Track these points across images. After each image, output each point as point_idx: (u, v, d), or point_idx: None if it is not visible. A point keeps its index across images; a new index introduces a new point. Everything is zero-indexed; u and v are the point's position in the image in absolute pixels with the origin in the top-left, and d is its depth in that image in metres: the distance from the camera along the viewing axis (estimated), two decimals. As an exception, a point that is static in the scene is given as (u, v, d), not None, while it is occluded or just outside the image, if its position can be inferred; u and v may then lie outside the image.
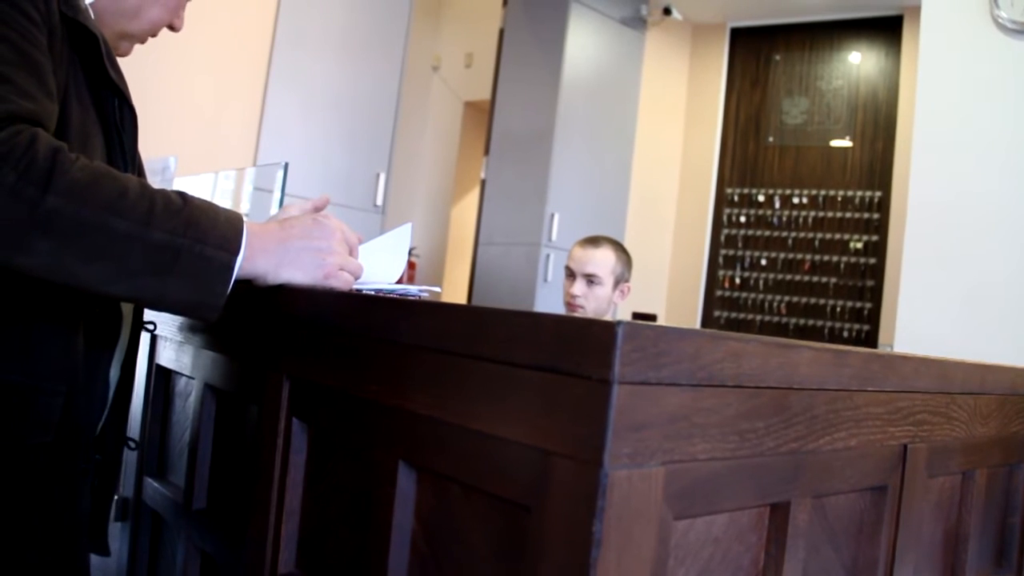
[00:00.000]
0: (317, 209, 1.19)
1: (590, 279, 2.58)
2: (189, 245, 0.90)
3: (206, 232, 0.92)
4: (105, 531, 1.24)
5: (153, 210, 0.89)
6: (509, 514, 0.70)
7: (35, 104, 0.90)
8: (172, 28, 1.22)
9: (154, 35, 1.22)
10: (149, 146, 1.19)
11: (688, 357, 0.65)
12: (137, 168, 1.20)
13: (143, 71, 3.60)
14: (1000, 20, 3.09)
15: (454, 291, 6.11)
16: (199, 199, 0.95)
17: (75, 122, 1.02)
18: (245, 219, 0.99)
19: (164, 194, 0.92)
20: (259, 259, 0.99)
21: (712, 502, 0.72)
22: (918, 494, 1.07)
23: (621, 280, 2.63)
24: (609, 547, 0.60)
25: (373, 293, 1.08)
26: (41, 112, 0.90)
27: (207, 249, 0.92)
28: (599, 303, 2.59)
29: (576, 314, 2.55)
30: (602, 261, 2.59)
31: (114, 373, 1.19)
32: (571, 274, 2.63)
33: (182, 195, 0.94)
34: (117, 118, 1.12)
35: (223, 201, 2.44)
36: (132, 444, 1.30)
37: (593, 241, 2.65)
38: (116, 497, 1.42)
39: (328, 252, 1.04)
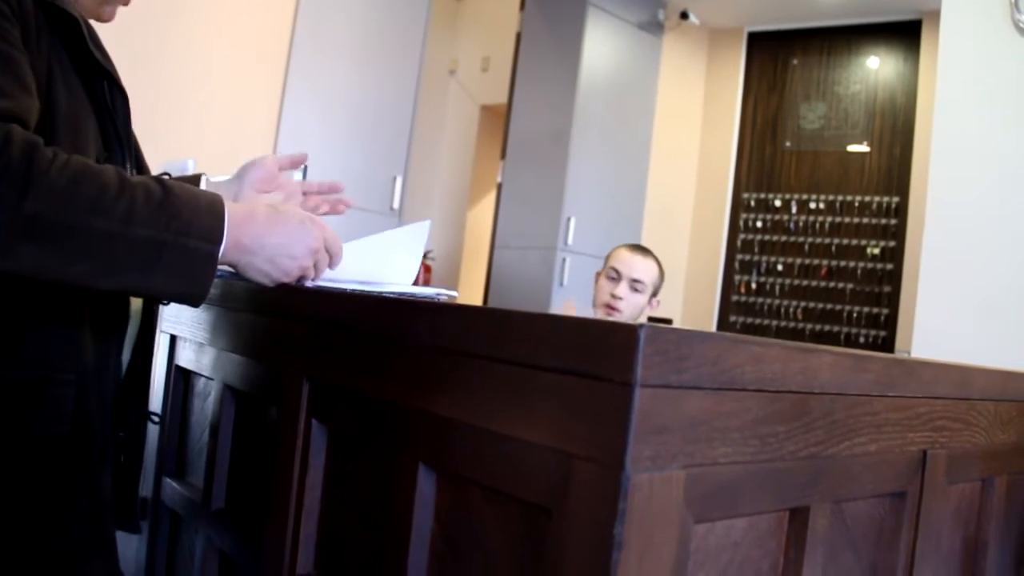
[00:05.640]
0: (294, 164, 1.18)
1: (635, 284, 2.59)
2: (172, 239, 0.90)
3: (189, 223, 0.92)
4: (134, 509, 1.24)
5: (134, 206, 0.88)
6: (529, 517, 0.70)
7: (10, 101, 0.88)
8: None
9: None
10: (168, 149, 1.20)
11: (709, 361, 0.65)
12: (133, 148, 1.18)
13: (162, 74, 3.64)
14: (1021, 25, 3.07)
15: (470, 295, 6.11)
16: (178, 185, 0.94)
17: (64, 108, 1.01)
18: (226, 202, 0.99)
19: (144, 185, 0.91)
20: (232, 253, 0.99)
21: (732, 506, 0.72)
22: (937, 500, 1.06)
23: (655, 293, 2.65)
24: (630, 550, 0.60)
25: (390, 296, 1.08)
26: (17, 108, 0.89)
27: (191, 241, 0.92)
28: (635, 310, 2.61)
29: (612, 317, 2.58)
30: (649, 270, 2.62)
31: (126, 356, 1.19)
32: (615, 276, 2.62)
33: (161, 183, 0.93)
34: (108, 101, 1.11)
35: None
36: (155, 418, 1.30)
37: (642, 249, 2.69)
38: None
39: (298, 264, 1.05)
